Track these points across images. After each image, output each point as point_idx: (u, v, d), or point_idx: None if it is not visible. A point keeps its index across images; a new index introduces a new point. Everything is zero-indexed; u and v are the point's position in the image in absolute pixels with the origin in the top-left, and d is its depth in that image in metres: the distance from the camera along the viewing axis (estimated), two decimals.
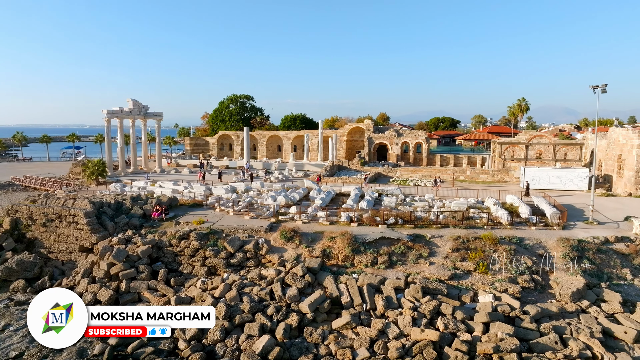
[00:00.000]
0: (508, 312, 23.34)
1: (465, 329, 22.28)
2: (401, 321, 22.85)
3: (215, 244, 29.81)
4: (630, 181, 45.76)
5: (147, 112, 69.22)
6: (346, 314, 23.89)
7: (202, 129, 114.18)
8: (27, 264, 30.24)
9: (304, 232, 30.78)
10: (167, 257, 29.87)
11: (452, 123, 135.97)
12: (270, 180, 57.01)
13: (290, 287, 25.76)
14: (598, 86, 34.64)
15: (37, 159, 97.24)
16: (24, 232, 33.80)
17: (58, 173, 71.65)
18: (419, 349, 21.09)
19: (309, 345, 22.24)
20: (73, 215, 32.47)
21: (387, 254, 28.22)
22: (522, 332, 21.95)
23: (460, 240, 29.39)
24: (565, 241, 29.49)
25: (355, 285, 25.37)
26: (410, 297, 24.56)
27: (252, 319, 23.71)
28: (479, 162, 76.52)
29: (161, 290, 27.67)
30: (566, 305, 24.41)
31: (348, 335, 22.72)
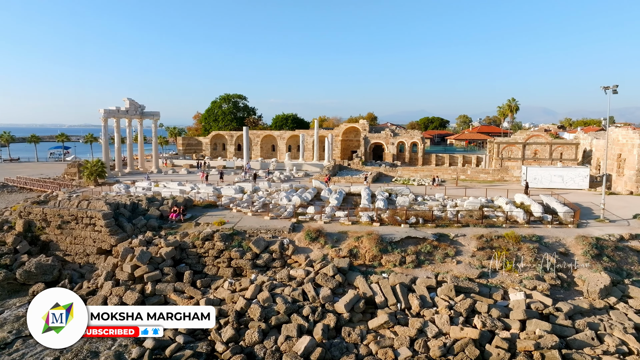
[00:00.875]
0: (541, 309, 23.73)
1: (503, 327, 22.59)
2: (438, 320, 23.05)
3: (240, 244, 29.59)
4: (631, 180, 46.91)
5: (144, 112, 68.32)
6: (382, 313, 23.99)
7: (194, 129, 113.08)
8: (45, 267, 29.58)
9: (328, 232, 30.79)
10: (190, 259, 29.54)
11: (441, 123, 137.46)
12: (273, 180, 56.80)
13: (322, 287, 25.74)
14: (609, 87, 35.47)
15: (25, 159, 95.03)
16: (37, 235, 33.02)
17: (51, 174, 70.27)
18: (460, 347, 21.31)
19: (349, 345, 22.29)
20: (90, 216, 31.86)
21: (414, 253, 28.43)
22: (558, 329, 22.35)
23: (483, 239, 29.77)
24: (583, 239, 30.11)
25: (388, 284, 25.49)
26: (444, 296, 24.79)
27: (288, 320, 23.62)
28: (474, 161, 77.56)
29: (188, 292, 27.36)
30: (594, 302, 24.93)
31: (386, 334, 22.82)
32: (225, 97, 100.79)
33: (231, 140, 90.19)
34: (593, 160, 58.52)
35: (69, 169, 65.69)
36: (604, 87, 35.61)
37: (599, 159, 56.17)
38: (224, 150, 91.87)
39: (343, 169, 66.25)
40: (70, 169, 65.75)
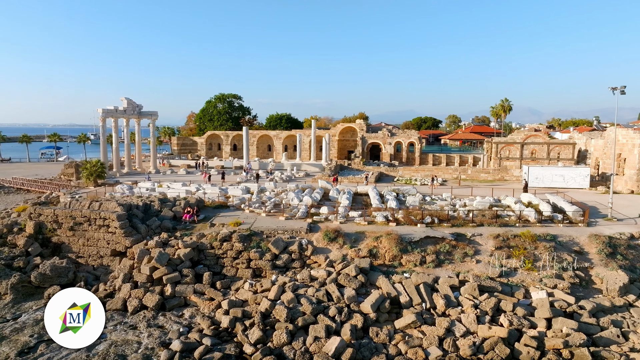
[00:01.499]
0: (565, 307, 24.05)
1: (529, 325, 22.82)
2: (465, 319, 23.21)
3: (258, 245, 29.46)
4: (631, 179, 47.73)
5: (141, 111, 67.52)
6: (408, 313, 24.07)
7: (189, 129, 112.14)
8: (60, 269, 29.09)
9: (345, 232, 30.80)
10: (209, 260, 29.34)
11: (434, 123, 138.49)
12: (275, 180, 56.60)
13: (345, 287, 25.75)
14: (617, 88, 36.07)
15: (16, 159, 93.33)
16: (49, 237, 32.47)
17: (46, 174, 69.17)
18: (490, 345, 21.49)
19: (377, 345, 22.32)
20: (104, 218, 31.43)
21: (434, 252, 28.59)
22: (584, 327, 22.67)
23: (500, 238, 30.06)
24: (597, 238, 30.53)
25: (411, 284, 25.59)
26: (468, 295, 24.96)
27: (314, 321, 23.57)
28: (470, 161, 78.16)
29: (208, 293, 27.17)
30: (614, 300, 25.35)
31: (414, 334, 22.92)
32: (220, 96, 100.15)
33: (227, 140, 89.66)
34: (592, 160, 59.36)
35: (66, 170, 64.65)
36: (612, 88, 36.22)
37: (598, 158, 57.04)
38: (220, 150, 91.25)
39: (344, 168, 66.30)
40: (67, 169, 64.71)
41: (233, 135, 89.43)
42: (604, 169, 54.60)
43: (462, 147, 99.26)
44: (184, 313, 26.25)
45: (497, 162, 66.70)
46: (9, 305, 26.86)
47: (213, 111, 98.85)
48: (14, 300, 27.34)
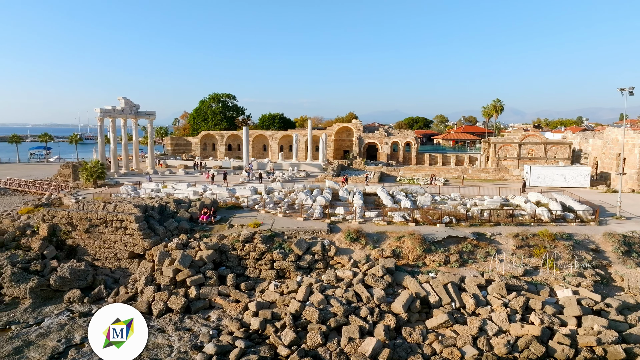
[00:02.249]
0: (592, 305, 24.43)
1: (560, 323, 23.12)
2: (496, 317, 23.42)
3: (280, 246, 29.31)
4: (632, 178, 48.71)
5: (139, 111, 66.67)
6: (439, 313, 24.20)
7: (182, 129, 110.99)
8: (79, 272, 28.54)
9: (367, 232, 30.82)
10: (231, 261, 29.10)
11: (425, 123, 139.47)
12: (279, 180, 56.39)
13: (373, 288, 25.78)
14: (625, 89, 36.77)
15: (6, 159, 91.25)
16: (63, 239, 31.81)
17: (40, 175, 67.94)
18: (524, 344, 21.72)
19: (412, 345, 22.40)
20: (121, 220, 30.93)
21: (457, 252, 28.81)
22: (613, 324, 23.03)
23: (519, 237, 30.41)
24: (612, 236, 31.10)
25: (439, 284, 25.73)
26: (496, 294, 25.19)
27: (346, 322, 23.54)
28: (466, 160, 78.95)
29: (233, 295, 26.94)
30: (637, 297, 25.82)
31: (446, 334, 23.05)
32: (214, 96, 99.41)
33: (222, 140, 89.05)
34: (590, 160, 60.42)
35: (63, 170, 63.52)
36: (621, 89, 36.94)
37: (596, 158, 58.05)
38: (214, 150, 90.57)
39: (344, 168, 66.38)
40: (63, 170, 63.58)
41: (228, 135, 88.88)
42: (602, 168, 55.60)
43: (455, 147, 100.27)
44: (210, 315, 25.97)
45: (495, 161, 67.42)
46: (29, 310, 26.23)
47: (207, 111, 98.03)
48: (34, 305, 26.71)
